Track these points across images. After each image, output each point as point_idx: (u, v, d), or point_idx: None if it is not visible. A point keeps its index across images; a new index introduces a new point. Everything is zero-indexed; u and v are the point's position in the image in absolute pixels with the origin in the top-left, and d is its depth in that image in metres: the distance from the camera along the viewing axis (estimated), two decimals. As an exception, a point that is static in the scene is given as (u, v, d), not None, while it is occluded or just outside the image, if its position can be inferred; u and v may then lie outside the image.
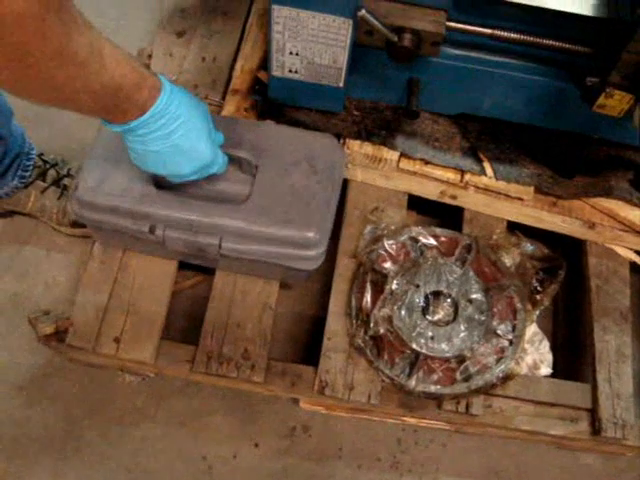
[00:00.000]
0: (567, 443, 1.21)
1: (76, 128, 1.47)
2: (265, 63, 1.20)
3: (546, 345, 1.22)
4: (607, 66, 1.01)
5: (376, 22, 1.00)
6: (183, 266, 1.19)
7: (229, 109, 1.20)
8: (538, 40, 1.07)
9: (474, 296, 1.14)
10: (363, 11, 0.98)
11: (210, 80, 1.28)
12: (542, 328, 1.23)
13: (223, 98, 1.24)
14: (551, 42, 1.07)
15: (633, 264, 1.28)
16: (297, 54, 1.08)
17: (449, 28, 1.05)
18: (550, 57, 1.11)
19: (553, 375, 1.20)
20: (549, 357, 1.22)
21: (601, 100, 1.05)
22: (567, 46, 1.07)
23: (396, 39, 1.02)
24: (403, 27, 1.03)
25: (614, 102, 1.04)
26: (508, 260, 1.21)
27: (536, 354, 1.20)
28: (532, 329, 1.20)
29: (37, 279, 1.35)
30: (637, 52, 0.96)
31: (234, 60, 1.29)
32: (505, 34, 1.07)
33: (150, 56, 1.31)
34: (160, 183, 1.02)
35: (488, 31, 1.07)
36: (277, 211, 1.03)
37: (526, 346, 1.18)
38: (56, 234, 1.38)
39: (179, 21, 1.37)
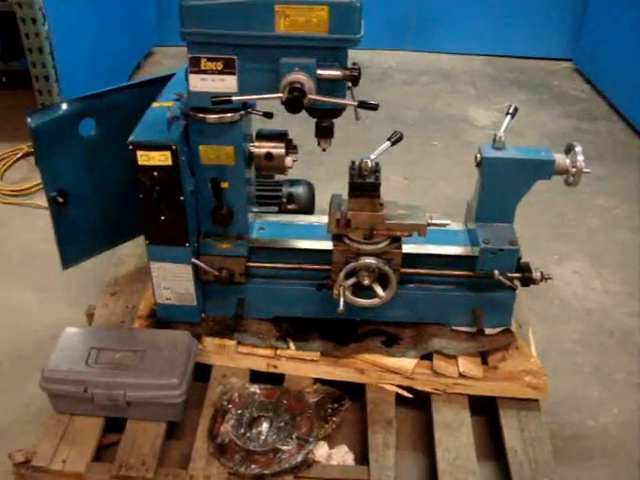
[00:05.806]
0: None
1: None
2: (157, 299, 2.08)
3: (344, 447, 1.92)
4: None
5: (203, 265, 1.91)
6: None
7: (137, 326, 2.06)
8: (300, 265, 1.98)
9: (285, 417, 1.88)
10: (194, 260, 1.89)
11: (128, 314, 2.15)
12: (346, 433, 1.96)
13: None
14: (308, 266, 1.98)
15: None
16: (168, 288, 1.97)
17: (248, 266, 1.96)
18: (315, 275, 2.01)
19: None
20: (348, 455, 1.91)
21: (333, 291, 1.92)
22: (317, 267, 1.98)
23: (217, 274, 1.93)
24: (222, 267, 1.94)
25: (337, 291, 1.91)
26: (311, 398, 1.97)
27: (333, 451, 1.89)
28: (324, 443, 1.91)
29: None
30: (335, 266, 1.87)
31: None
32: (283, 265, 1.99)
33: (93, 307, 2.20)
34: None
35: (271, 265, 1.99)
36: (156, 370, 1.83)
37: (325, 447, 1.89)
38: None
39: (112, 287, 2.28)
